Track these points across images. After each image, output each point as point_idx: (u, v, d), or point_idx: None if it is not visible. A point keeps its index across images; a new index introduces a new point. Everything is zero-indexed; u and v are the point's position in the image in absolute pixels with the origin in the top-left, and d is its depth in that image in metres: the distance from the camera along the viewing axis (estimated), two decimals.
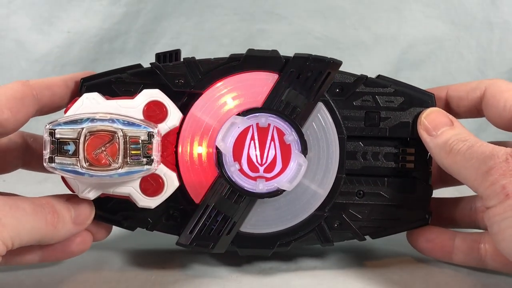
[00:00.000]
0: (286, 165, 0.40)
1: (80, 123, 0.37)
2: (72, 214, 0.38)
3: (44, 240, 0.37)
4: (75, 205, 0.39)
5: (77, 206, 0.39)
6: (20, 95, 0.38)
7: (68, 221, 0.38)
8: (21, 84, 0.39)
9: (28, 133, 0.45)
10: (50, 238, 0.37)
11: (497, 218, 0.35)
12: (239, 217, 0.40)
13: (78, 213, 0.39)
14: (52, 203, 0.37)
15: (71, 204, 0.38)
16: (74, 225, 0.38)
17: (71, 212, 0.38)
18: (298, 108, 0.40)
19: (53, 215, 0.37)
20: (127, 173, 0.37)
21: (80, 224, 0.39)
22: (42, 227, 0.36)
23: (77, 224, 0.39)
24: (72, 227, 0.38)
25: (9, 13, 0.75)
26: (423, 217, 0.42)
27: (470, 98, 0.43)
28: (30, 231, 0.35)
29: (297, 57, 0.41)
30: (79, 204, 0.39)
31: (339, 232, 0.42)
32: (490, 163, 0.36)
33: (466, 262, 0.42)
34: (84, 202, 0.39)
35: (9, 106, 0.38)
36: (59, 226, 0.37)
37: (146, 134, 0.38)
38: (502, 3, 0.75)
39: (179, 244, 0.41)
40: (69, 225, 0.38)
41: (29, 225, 0.35)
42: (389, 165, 0.42)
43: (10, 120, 0.38)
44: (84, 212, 0.39)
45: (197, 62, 0.41)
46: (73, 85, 0.42)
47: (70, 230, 0.38)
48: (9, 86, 0.39)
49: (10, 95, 0.38)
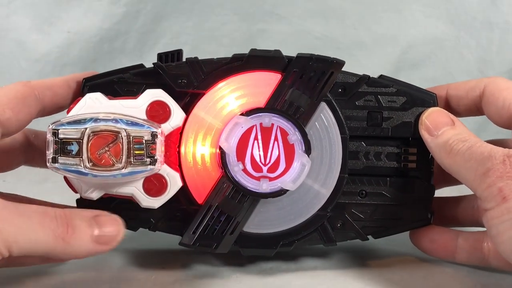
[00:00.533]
0: (289, 165, 0.40)
1: (84, 123, 0.37)
2: (95, 232, 0.36)
3: (53, 254, 0.35)
4: (101, 222, 0.36)
5: (103, 224, 0.36)
6: (21, 95, 0.38)
7: (87, 239, 0.35)
8: (22, 84, 0.39)
9: (29, 129, 0.45)
10: (61, 253, 0.35)
11: (495, 221, 0.35)
12: (242, 217, 0.40)
13: (103, 231, 0.36)
14: (70, 216, 0.35)
15: (96, 221, 0.36)
16: (96, 244, 0.36)
17: (93, 229, 0.36)
18: (301, 108, 0.40)
19: (66, 229, 0.35)
20: (130, 173, 0.37)
21: (104, 244, 0.36)
22: (48, 240, 0.34)
23: (100, 244, 0.36)
24: (92, 246, 0.36)
25: (9, 13, 0.75)
26: (425, 217, 0.43)
27: (470, 96, 0.43)
28: (33, 241, 0.33)
29: (300, 57, 0.41)
30: (107, 223, 0.37)
31: (342, 232, 0.42)
32: (487, 164, 0.36)
33: (469, 261, 0.42)
34: (112, 221, 0.37)
35: (10, 106, 0.37)
36: (73, 242, 0.35)
37: (150, 134, 0.38)
38: (502, 3, 0.75)
39: (182, 244, 0.40)
40: (88, 244, 0.35)
41: (31, 235, 0.33)
42: (391, 165, 0.42)
43: (12, 120, 0.37)
44: (111, 231, 0.36)
45: (200, 62, 0.41)
46: (75, 86, 0.41)
47: (89, 248, 0.36)
48: (10, 87, 0.39)
49: (11, 95, 0.38)
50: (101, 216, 0.37)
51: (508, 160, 0.35)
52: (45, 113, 0.41)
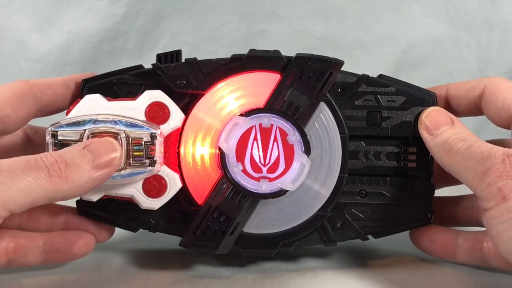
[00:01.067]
0: (289, 165, 0.40)
1: (83, 125, 0.37)
2: (89, 156, 0.34)
3: (57, 196, 0.33)
4: (94, 148, 0.35)
5: (94, 145, 0.35)
6: (20, 93, 0.38)
7: (85, 167, 0.34)
8: (21, 83, 0.39)
9: (29, 126, 0.44)
10: (64, 192, 0.33)
11: (495, 221, 0.35)
12: (242, 218, 0.40)
13: (97, 153, 0.34)
14: (54, 152, 0.34)
15: (88, 149, 0.34)
16: (96, 169, 0.34)
17: (87, 155, 0.34)
18: (300, 108, 0.40)
19: (58, 166, 0.33)
20: (130, 174, 0.37)
21: (104, 166, 0.35)
22: (43, 182, 0.32)
23: (99, 167, 0.34)
24: (92, 172, 0.34)
25: (9, 13, 0.75)
26: (425, 216, 0.43)
27: (469, 96, 0.43)
28: (27, 191, 0.32)
29: (299, 57, 0.41)
30: (100, 146, 0.35)
31: (342, 232, 0.42)
32: (487, 164, 0.36)
33: (470, 261, 0.42)
34: (105, 143, 0.35)
35: (9, 103, 0.37)
36: (72, 175, 0.33)
37: (149, 135, 0.38)
38: (502, 3, 0.75)
39: (183, 245, 0.41)
40: (87, 171, 0.34)
41: (21, 184, 0.32)
42: (391, 164, 0.42)
43: (11, 117, 0.37)
44: (105, 149, 0.35)
45: (199, 62, 0.41)
46: (74, 86, 0.41)
47: (90, 176, 0.34)
48: (10, 85, 0.39)
49: (10, 93, 0.38)
50: (91, 143, 0.35)
51: (508, 160, 0.35)
52: (44, 112, 0.41)
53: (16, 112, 0.38)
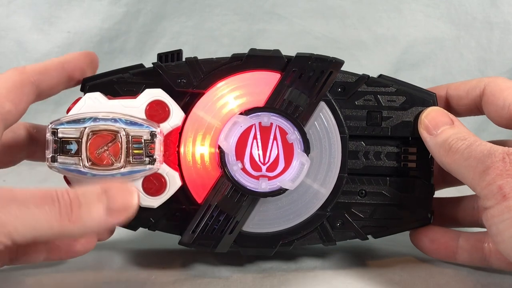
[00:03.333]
0: (288, 164, 0.40)
1: (83, 123, 0.37)
2: (105, 201, 0.32)
3: (63, 235, 0.32)
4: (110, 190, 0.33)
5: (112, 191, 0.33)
6: (19, 85, 0.38)
7: (98, 211, 0.32)
8: (18, 72, 0.38)
9: (30, 124, 0.44)
10: (71, 232, 0.32)
11: (495, 220, 0.35)
12: (241, 216, 0.40)
13: (114, 199, 0.33)
14: (72, 191, 0.32)
15: (103, 190, 0.33)
16: (109, 215, 0.32)
17: (103, 198, 0.32)
18: (300, 107, 0.40)
19: (70, 208, 0.32)
20: (129, 172, 0.37)
21: (118, 212, 0.33)
22: (53, 220, 0.31)
23: (114, 213, 0.33)
24: (105, 217, 0.32)
25: (9, 13, 0.75)
26: (425, 217, 0.42)
27: (470, 96, 0.43)
28: (35, 226, 0.31)
29: (299, 56, 0.41)
30: (117, 189, 0.33)
31: (342, 232, 0.42)
32: (487, 162, 0.35)
33: (470, 262, 0.42)
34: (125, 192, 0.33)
35: (10, 98, 0.37)
36: (82, 217, 0.32)
37: (149, 133, 0.38)
38: (502, 3, 0.75)
39: (182, 243, 0.40)
40: (100, 216, 0.32)
41: (31, 219, 0.31)
42: (391, 164, 0.42)
43: (12, 112, 0.37)
44: (123, 197, 0.33)
45: (199, 61, 0.41)
46: (71, 68, 0.41)
47: (102, 220, 0.32)
48: (6, 76, 0.38)
49: (10, 86, 0.37)
50: (110, 188, 0.33)
51: (508, 158, 0.35)
52: (41, 98, 0.40)
53: (17, 106, 0.37)
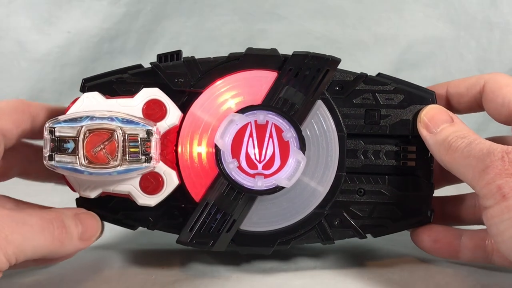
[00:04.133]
0: (284, 162, 0.40)
1: (80, 121, 0.37)
2: (79, 230, 0.37)
3: (49, 255, 0.36)
4: (82, 220, 0.38)
5: (84, 222, 0.38)
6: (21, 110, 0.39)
7: (75, 237, 0.37)
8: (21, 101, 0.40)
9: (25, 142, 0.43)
10: (55, 253, 0.36)
11: (495, 220, 0.35)
12: (238, 215, 0.40)
13: (85, 229, 0.38)
14: (61, 218, 0.36)
15: (78, 219, 0.38)
16: (81, 242, 0.38)
17: (79, 228, 0.37)
18: (296, 105, 0.40)
19: (61, 230, 0.36)
20: (126, 170, 0.37)
21: (86, 240, 0.38)
22: (48, 243, 0.35)
23: (83, 241, 0.38)
24: (78, 243, 0.37)
25: (9, 13, 0.75)
26: (425, 215, 0.42)
27: (470, 93, 0.43)
28: (36, 247, 0.34)
29: (295, 55, 0.41)
30: (86, 220, 0.38)
31: (340, 230, 0.42)
32: (486, 161, 0.35)
33: (473, 260, 0.42)
34: (91, 218, 0.39)
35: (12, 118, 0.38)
36: (66, 242, 0.36)
37: (145, 132, 0.38)
38: (502, 3, 0.75)
39: (179, 242, 0.40)
40: (76, 242, 0.37)
41: (35, 242, 0.34)
42: (390, 163, 0.42)
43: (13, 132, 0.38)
44: (91, 228, 0.38)
45: (196, 61, 0.41)
46: None
47: (76, 246, 0.37)
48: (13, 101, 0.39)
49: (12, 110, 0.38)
50: (81, 213, 0.38)
51: (507, 157, 0.35)
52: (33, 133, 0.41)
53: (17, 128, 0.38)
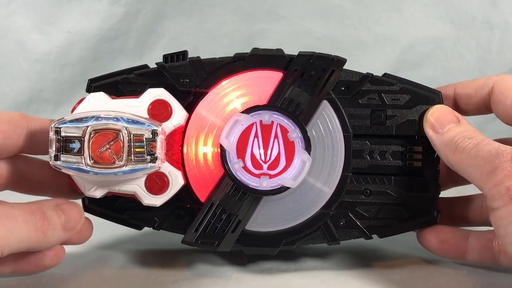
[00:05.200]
0: (290, 162, 0.40)
1: (85, 121, 0.37)
2: (62, 220, 0.37)
3: (34, 247, 0.36)
4: (64, 210, 0.38)
5: (66, 211, 0.38)
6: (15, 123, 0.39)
7: (58, 228, 0.37)
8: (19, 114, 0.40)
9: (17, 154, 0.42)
10: (39, 245, 0.37)
11: (504, 222, 0.35)
12: (244, 215, 0.40)
13: (68, 218, 0.38)
14: (42, 209, 0.36)
15: (60, 210, 0.38)
16: (64, 231, 0.38)
17: (61, 218, 0.37)
18: (301, 105, 0.40)
19: (44, 222, 0.36)
20: (131, 170, 0.37)
21: (70, 230, 0.38)
22: (32, 235, 0.35)
23: (67, 230, 0.38)
24: (62, 233, 0.38)
25: (9, 13, 0.75)
26: (431, 216, 0.42)
27: (479, 95, 0.43)
28: (20, 239, 0.35)
29: (301, 55, 0.41)
30: (69, 209, 0.38)
31: (346, 231, 0.42)
32: (495, 162, 0.35)
33: (480, 261, 0.42)
34: (73, 207, 0.38)
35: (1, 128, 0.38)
36: (49, 233, 0.36)
37: (150, 132, 0.38)
38: (502, 3, 0.75)
39: (185, 242, 0.40)
40: (59, 232, 0.37)
41: (19, 233, 0.34)
42: (397, 163, 0.42)
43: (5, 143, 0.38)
44: (74, 217, 0.38)
45: (202, 61, 0.41)
46: None
47: (60, 236, 0.38)
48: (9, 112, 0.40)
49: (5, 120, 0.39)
50: (62, 203, 0.38)
51: None
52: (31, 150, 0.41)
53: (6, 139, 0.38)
